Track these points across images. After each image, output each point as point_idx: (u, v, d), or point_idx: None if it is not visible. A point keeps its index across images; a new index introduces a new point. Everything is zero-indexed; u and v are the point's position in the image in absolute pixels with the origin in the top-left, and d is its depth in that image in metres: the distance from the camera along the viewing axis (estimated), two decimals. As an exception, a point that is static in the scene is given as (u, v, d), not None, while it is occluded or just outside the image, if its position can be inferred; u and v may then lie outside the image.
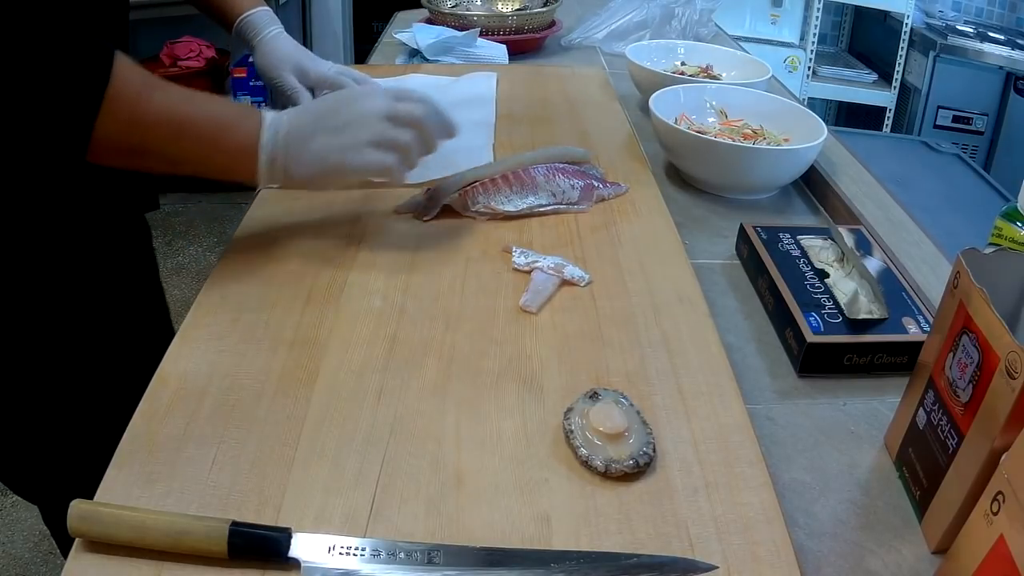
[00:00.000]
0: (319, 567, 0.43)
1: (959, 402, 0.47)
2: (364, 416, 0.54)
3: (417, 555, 0.44)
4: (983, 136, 2.64)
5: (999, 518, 0.40)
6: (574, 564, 0.44)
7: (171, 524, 0.43)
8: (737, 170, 0.89)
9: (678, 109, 1.00)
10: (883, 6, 2.89)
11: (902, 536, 0.51)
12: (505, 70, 1.25)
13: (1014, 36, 2.64)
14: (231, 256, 0.71)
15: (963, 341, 0.47)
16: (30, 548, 1.59)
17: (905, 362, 0.63)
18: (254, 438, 0.52)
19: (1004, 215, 0.69)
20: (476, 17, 1.37)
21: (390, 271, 0.70)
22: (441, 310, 0.65)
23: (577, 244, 0.76)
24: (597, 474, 0.50)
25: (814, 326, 0.64)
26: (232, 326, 0.62)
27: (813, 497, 0.53)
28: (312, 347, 0.60)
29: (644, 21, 1.42)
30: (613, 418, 0.52)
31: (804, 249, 0.74)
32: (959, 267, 0.49)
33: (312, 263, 0.70)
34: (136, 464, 0.49)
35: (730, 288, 0.75)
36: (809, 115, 0.96)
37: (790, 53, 2.96)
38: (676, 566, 0.45)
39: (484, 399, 0.56)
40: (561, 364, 0.60)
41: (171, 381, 0.56)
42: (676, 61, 1.25)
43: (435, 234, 0.76)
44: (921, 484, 0.51)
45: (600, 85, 1.19)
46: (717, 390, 0.58)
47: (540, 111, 1.07)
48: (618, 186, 0.86)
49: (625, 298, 0.68)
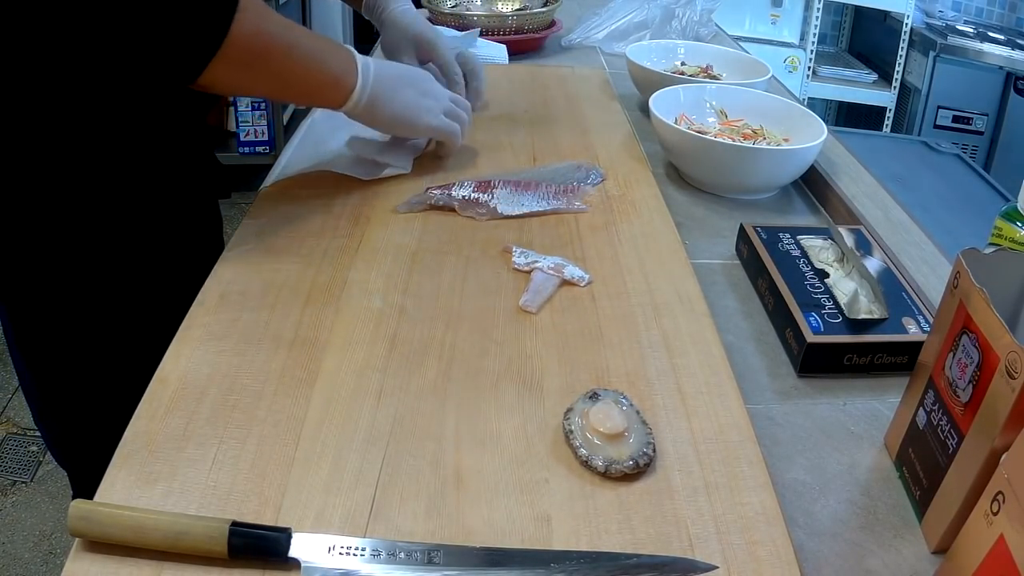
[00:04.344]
0: (319, 567, 0.43)
1: (959, 402, 0.47)
2: (364, 416, 0.54)
3: (417, 555, 0.44)
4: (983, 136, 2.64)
5: (999, 518, 0.40)
6: (574, 564, 0.44)
7: (171, 524, 0.43)
8: (737, 170, 0.89)
9: (678, 109, 1.00)
10: (883, 6, 2.89)
11: (902, 536, 0.51)
12: (505, 70, 1.25)
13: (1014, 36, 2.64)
14: (231, 256, 0.71)
15: (963, 341, 0.47)
16: (30, 548, 1.59)
17: (905, 362, 0.63)
18: (254, 438, 0.52)
19: (1004, 215, 0.69)
20: (476, 17, 1.37)
21: (390, 271, 0.70)
22: (441, 310, 0.65)
23: (577, 244, 0.76)
24: (597, 474, 0.50)
25: (814, 326, 0.64)
26: (232, 326, 0.62)
27: (813, 497, 0.53)
28: (312, 347, 0.60)
29: (644, 21, 1.42)
30: (613, 418, 0.52)
31: (804, 249, 0.74)
32: (959, 267, 0.49)
33: (312, 263, 0.70)
34: (136, 464, 0.49)
35: (730, 288, 0.75)
36: (809, 115, 0.96)
37: (790, 53, 2.97)
38: (676, 566, 0.45)
39: (484, 399, 0.56)
40: (561, 364, 0.60)
41: (171, 381, 0.56)
42: (676, 61, 1.25)
43: (435, 234, 0.76)
44: (921, 484, 0.51)
45: (600, 85, 1.19)
46: (717, 390, 0.58)
47: (540, 111, 1.07)
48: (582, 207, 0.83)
49: (625, 298, 0.68)
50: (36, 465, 1.78)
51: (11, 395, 1.94)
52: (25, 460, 1.79)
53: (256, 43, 0.66)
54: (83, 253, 0.77)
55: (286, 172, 0.86)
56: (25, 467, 1.78)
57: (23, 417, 1.88)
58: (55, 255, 0.76)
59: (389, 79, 0.79)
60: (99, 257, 0.78)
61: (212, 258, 0.71)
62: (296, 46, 0.70)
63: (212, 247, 0.91)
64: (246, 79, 0.70)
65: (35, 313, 0.80)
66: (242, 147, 2.73)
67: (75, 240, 0.76)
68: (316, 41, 0.73)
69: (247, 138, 2.73)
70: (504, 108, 1.07)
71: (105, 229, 0.77)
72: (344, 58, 0.76)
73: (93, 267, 0.78)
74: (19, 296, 0.79)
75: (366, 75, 0.76)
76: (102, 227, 0.77)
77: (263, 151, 2.74)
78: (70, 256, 0.77)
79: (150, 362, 0.58)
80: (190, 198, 0.87)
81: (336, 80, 0.75)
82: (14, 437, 1.85)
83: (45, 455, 1.78)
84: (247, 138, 2.73)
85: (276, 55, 0.69)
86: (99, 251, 0.77)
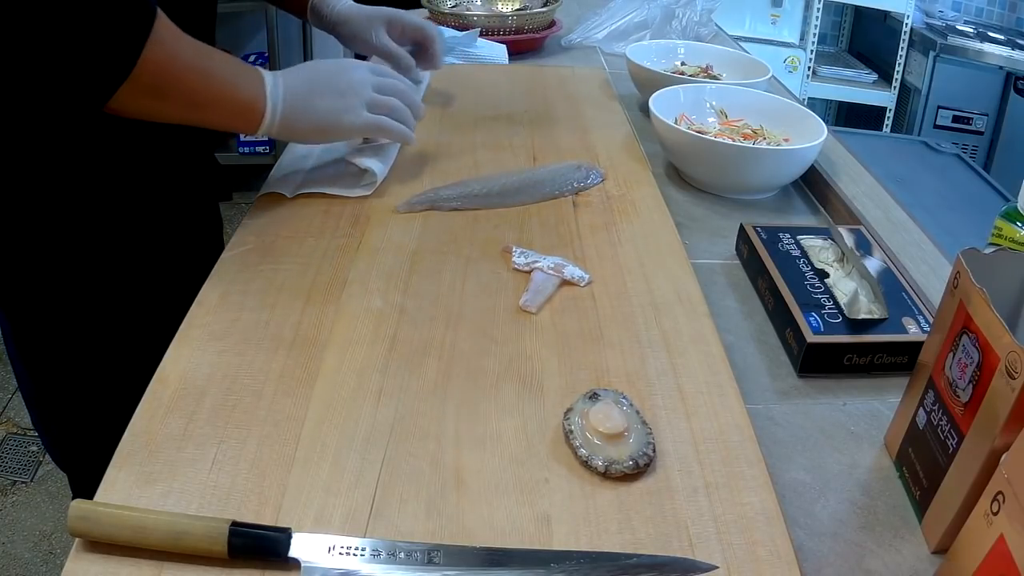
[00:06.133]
0: (319, 567, 0.43)
1: (959, 402, 0.47)
2: (364, 416, 0.54)
3: (417, 555, 0.44)
4: (983, 136, 2.64)
5: (999, 518, 0.40)
6: (574, 564, 0.44)
7: (171, 524, 0.43)
8: (737, 170, 0.89)
9: (678, 109, 1.00)
10: (883, 6, 2.89)
11: (902, 536, 0.51)
12: (505, 70, 1.25)
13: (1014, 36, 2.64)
14: (231, 256, 0.71)
15: (963, 341, 0.47)
16: (30, 548, 1.59)
17: (905, 362, 0.63)
18: (254, 438, 0.52)
19: (1004, 215, 0.69)
20: (476, 17, 1.37)
21: (390, 271, 0.70)
22: (441, 310, 0.65)
23: (577, 244, 0.76)
24: (597, 474, 0.50)
25: (814, 326, 0.64)
26: (232, 326, 0.62)
27: (813, 497, 0.53)
28: (312, 347, 0.60)
29: (644, 21, 1.42)
30: (613, 418, 0.52)
31: (804, 249, 0.74)
32: (959, 267, 0.49)
33: (312, 263, 0.70)
34: (136, 464, 0.49)
35: (730, 288, 0.75)
36: (809, 115, 0.96)
37: (790, 53, 2.96)
38: (676, 566, 0.45)
39: (484, 399, 0.56)
40: (561, 364, 0.60)
41: (171, 381, 0.56)
42: (676, 61, 1.25)
43: (435, 234, 0.76)
44: (921, 484, 0.51)
45: (600, 85, 1.19)
46: (717, 390, 0.58)
47: (540, 111, 1.07)
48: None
49: (625, 298, 0.68)
50: (36, 465, 1.78)
51: (11, 395, 1.94)
52: (25, 460, 1.79)
53: (167, 69, 0.64)
54: (83, 255, 0.77)
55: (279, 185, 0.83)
56: (25, 467, 1.77)
57: (23, 417, 1.88)
58: (55, 257, 0.76)
59: (300, 93, 0.74)
60: (99, 259, 0.78)
61: (212, 258, 0.71)
62: (207, 73, 0.68)
63: (212, 248, 0.91)
64: (156, 106, 0.67)
65: (35, 316, 0.80)
66: (242, 147, 2.73)
67: (75, 242, 0.76)
68: (227, 65, 0.70)
69: (247, 138, 2.73)
70: (504, 108, 1.07)
71: (105, 231, 0.77)
72: (253, 82, 0.72)
73: (93, 269, 0.78)
74: (19, 298, 0.79)
75: (275, 96, 0.72)
76: (102, 229, 0.77)
77: (263, 151, 2.74)
78: (70, 258, 0.77)
79: (150, 363, 0.58)
80: (190, 200, 0.87)
81: (246, 106, 0.72)
82: (14, 437, 1.85)
83: (45, 455, 1.78)
84: (247, 138, 2.73)
85: (187, 82, 0.67)
86: (99, 253, 0.77)
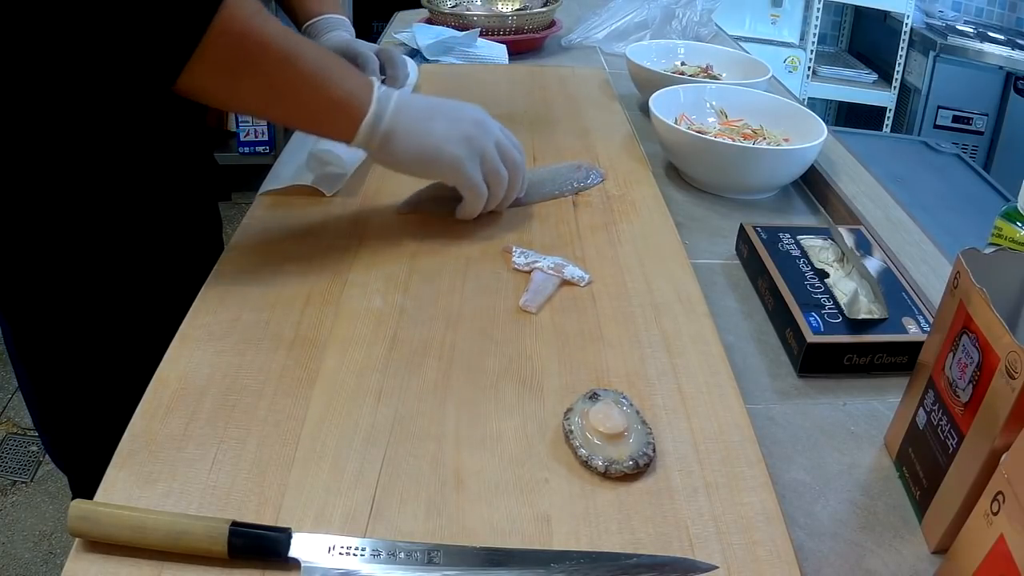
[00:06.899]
0: (319, 567, 0.43)
1: (959, 402, 0.47)
2: (364, 416, 0.54)
3: (417, 555, 0.44)
4: (983, 136, 2.64)
5: (999, 518, 0.40)
6: (574, 564, 0.44)
7: (171, 524, 0.43)
8: (737, 170, 0.89)
9: (678, 109, 1.00)
10: (883, 6, 2.89)
11: (902, 536, 0.51)
12: (505, 70, 1.25)
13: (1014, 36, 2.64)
14: (231, 256, 0.71)
15: (963, 341, 0.47)
16: (30, 548, 1.59)
17: (905, 362, 0.63)
18: (254, 438, 0.52)
19: (1004, 215, 0.69)
20: (476, 17, 1.37)
21: (390, 271, 0.70)
22: (441, 310, 0.65)
23: (577, 244, 0.76)
24: (597, 474, 0.50)
25: (814, 326, 0.64)
26: (232, 326, 0.62)
27: (813, 497, 0.53)
28: (312, 347, 0.60)
29: (644, 21, 1.42)
30: (613, 418, 0.52)
31: (804, 249, 0.74)
32: (959, 267, 0.49)
33: (312, 263, 0.70)
34: (136, 464, 0.49)
35: (730, 288, 0.75)
36: (809, 115, 0.96)
37: (790, 53, 2.96)
38: (676, 566, 0.45)
39: (484, 399, 0.56)
40: (561, 364, 0.60)
41: (171, 381, 0.56)
42: (676, 61, 1.25)
43: (435, 234, 0.76)
44: (921, 484, 0.51)
45: (600, 85, 1.19)
46: (717, 390, 0.58)
47: (540, 111, 1.07)
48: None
49: (625, 298, 0.68)
50: (36, 465, 1.78)
51: (11, 395, 1.94)
52: (25, 460, 1.79)
53: (244, 45, 0.60)
54: (83, 255, 0.77)
55: (278, 182, 0.83)
56: (25, 467, 1.78)
57: (23, 417, 1.88)
58: (55, 257, 0.76)
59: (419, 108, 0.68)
60: (99, 259, 0.78)
61: (212, 258, 0.70)
62: (296, 57, 0.62)
63: (212, 248, 0.91)
64: (232, 87, 0.62)
65: (35, 316, 0.80)
66: (242, 147, 2.73)
67: (75, 243, 0.76)
68: (325, 58, 0.65)
69: (247, 138, 2.73)
70: (504, 108, 1.07)
71: (104, 232, 0.77)
72: (358, 81, 0.66)
73: (93, 269, 0.78)
74: (19, 299, 0.79)
75: (383, 103, 0.66)
76: (101, 230, 0.77)
77: (263, 151, 2.74)
78: (70, 259, 0.77)
79: (150, 363, 0.58)
80: (190, 200, 0.87)
81: (340, 104, 0.65)
82: (14, 437, 1.85)
83: (45, 455, 1.78)
84: (247, 138, 2.73)
85: (268, 62, 0.61)
86: (99, 253, 0.77)
